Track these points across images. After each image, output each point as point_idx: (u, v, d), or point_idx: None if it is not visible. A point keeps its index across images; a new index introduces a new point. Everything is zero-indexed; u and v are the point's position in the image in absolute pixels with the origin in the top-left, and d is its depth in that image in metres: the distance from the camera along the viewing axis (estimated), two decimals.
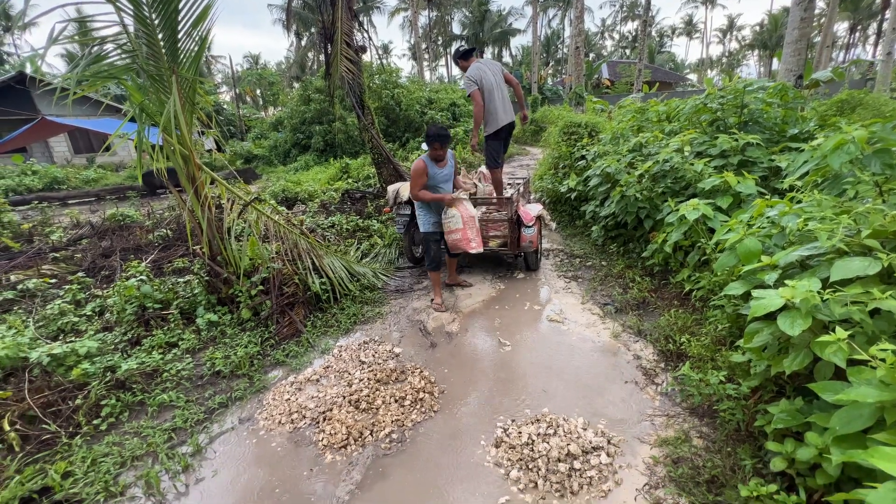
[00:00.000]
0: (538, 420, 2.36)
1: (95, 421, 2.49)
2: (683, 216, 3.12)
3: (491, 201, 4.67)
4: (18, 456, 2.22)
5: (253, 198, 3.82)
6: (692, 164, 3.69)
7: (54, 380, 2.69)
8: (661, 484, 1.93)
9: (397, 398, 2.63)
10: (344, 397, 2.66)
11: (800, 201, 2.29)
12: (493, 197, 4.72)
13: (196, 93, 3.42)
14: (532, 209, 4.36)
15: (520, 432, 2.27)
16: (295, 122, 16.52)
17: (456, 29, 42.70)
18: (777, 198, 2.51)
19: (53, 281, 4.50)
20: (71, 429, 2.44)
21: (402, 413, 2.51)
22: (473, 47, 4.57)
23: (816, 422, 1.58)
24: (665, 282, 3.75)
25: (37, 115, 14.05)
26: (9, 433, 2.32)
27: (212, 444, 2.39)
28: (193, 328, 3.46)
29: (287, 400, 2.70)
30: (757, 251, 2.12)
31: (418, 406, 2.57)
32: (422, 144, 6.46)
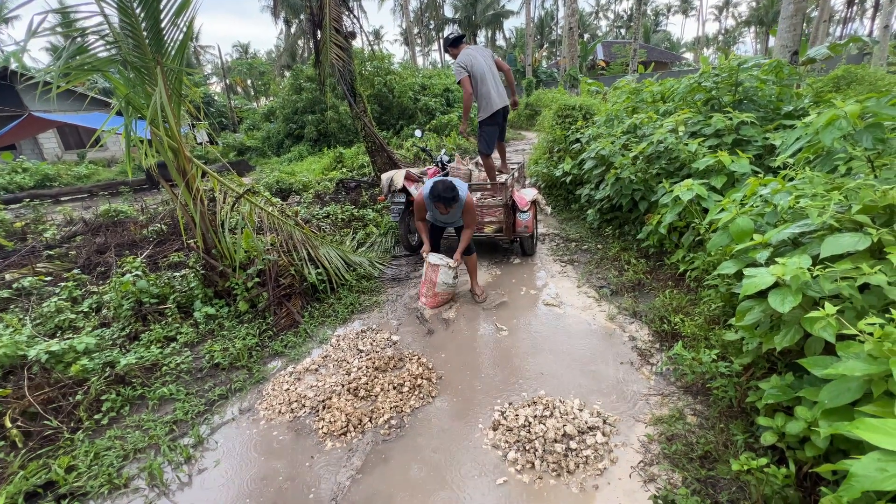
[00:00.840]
0: (535, 402, 2.39)
1: (96, 416, 2.51)
2: (678, 197, 3.11)
3: (486, 187, 4.65)
4: (21, 452, 2.24)
5: (245, 189, 3.79)
6: (686, 145, 3.67)
7: (54, 376, 2.71)
8: (656, 461, 1.97)
9: (395, 385, 2.66)
10: (343, 385, 2.69)
11: (792, 179, 2.29)
12: (489, 182, 4.70)
13: (183, 84, 3.37)
14: (527, 194, 4.35)
15: (517, 415, 2.31)
16: (287, 112, 16.30)
17: (448, 12, 41.92)
18: (771, 176, 2.50)
19: (49, 279, 4.49)
20: (72, 424, 2.46)
21: (401, 399, 2.54)
22: (463, 34, 4.57)
23: (806, 396, 1.61)
24: (660, 263, 3.76)
25: (24, 112, 13.83)
26: (10, 430, 2.34)
27: (213, 435, 2.42)
28: (191, 322, 3.47)
29: (286, 390, 2.72)
30: (749, 230, 2.12)
31: (416, 392, 2.60)
32: (415, 132, 6.38)
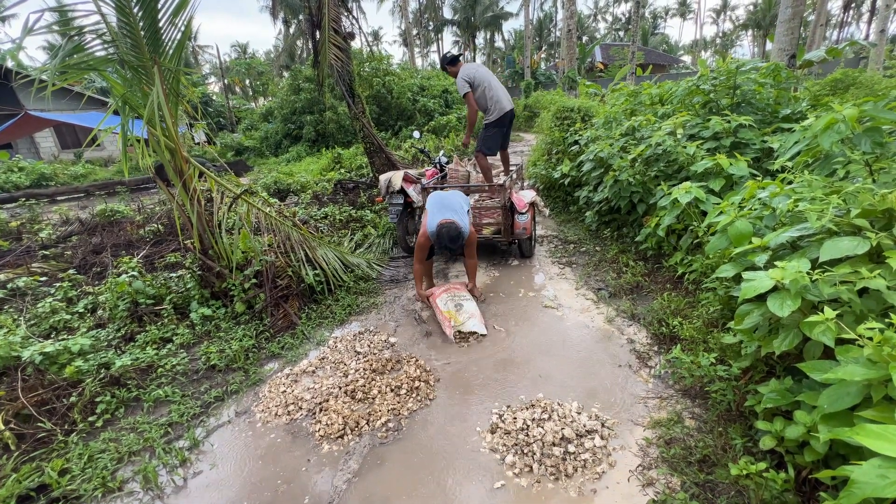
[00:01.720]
0: (533, 405, 2.38)
1: (91, 418, 2.49)
2: (676, 200, 3.11)
3: (484, 188, 4.65)
4: (14, 455, 2.21)
5: (243, 190, 3.77)
6: (685, 147, 3.67)
7: (48, 378, 2.68)
8: (654, 465, 1.96)
9: (393, 387, 2.64)
10: (340, 388, 2.67)
11: (791, 182, 2.29)
12: (487, 184, 4.70)
13: (181, 83, 3.36)
14: (525, 196, 4.35)
15: (515, 418, 2.29)
16: (285, 113, 16.29)
17: (447, 13, 41.95)
18: (769, 179, 2.50)
19: (44, 279, 4.45)
20: (66, 426, 2.43)
21: (398, 402, 2.53)
22: (460, 53, 4.87)
23: (805, 400, 1.60)
24: (658, 266, 3.76)
25: (20, 110, 13.75)
26: (3, 432, 2.31)
27: (209, 438, 2.39)
28: (187, 323, 3.44)
29: (283, 392, 2.70)
30: (748, 233, 2.12)
31: (414, 395, 2.58)
32: (413, 133, 6.37)
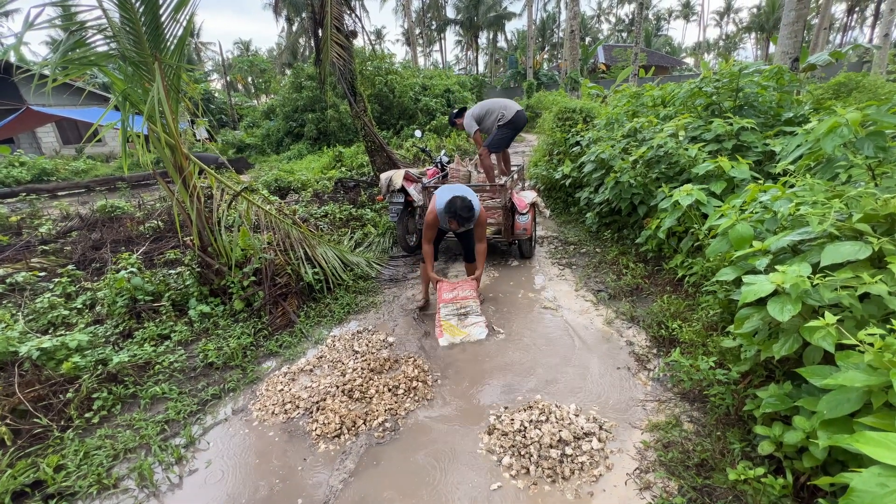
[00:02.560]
0: (530, 407, 2.37)
1: (87, 414, 2.48)
2: (677, 202, 3.10)
3: (485, 189, 4.63)
4: (10, 450, 2.21)
5: (243, 187, 3.76)
6: (686, 150, 3.66)
7: (45, 374, 2.67)
8: (652, 468, 1.95)
9: (391, 387, 2.63)
10: (337, 387, 2.66)
11: (792, 186, 2.28)
12: (488, 184, 4.68)
13: (182, 80, 3.35)
14: (526, 196, 4.34)
15: (512, 419, 2.28)
16: (287, 111, 16.26)
17: (450, 13, 41.94)
18: (771, 182, 2.49)
19: (43, 274, 4.45)
20: (63, 422, 2.43)
21: (396, 402, 2.52)
22: (465, 106, 5.29)
23: (804, 406, 1.59)
24: (658, 268, 3.75)
25: (22, 105, 13.74)
26: None
27: (205, 436, 2.39)
28: (185, 320, 3.44)
29: (280, 390, 2.70)
30: (749, 236, 2.11)
31: (411, 395, 2.58)
32: (415, 132, 6.37)
